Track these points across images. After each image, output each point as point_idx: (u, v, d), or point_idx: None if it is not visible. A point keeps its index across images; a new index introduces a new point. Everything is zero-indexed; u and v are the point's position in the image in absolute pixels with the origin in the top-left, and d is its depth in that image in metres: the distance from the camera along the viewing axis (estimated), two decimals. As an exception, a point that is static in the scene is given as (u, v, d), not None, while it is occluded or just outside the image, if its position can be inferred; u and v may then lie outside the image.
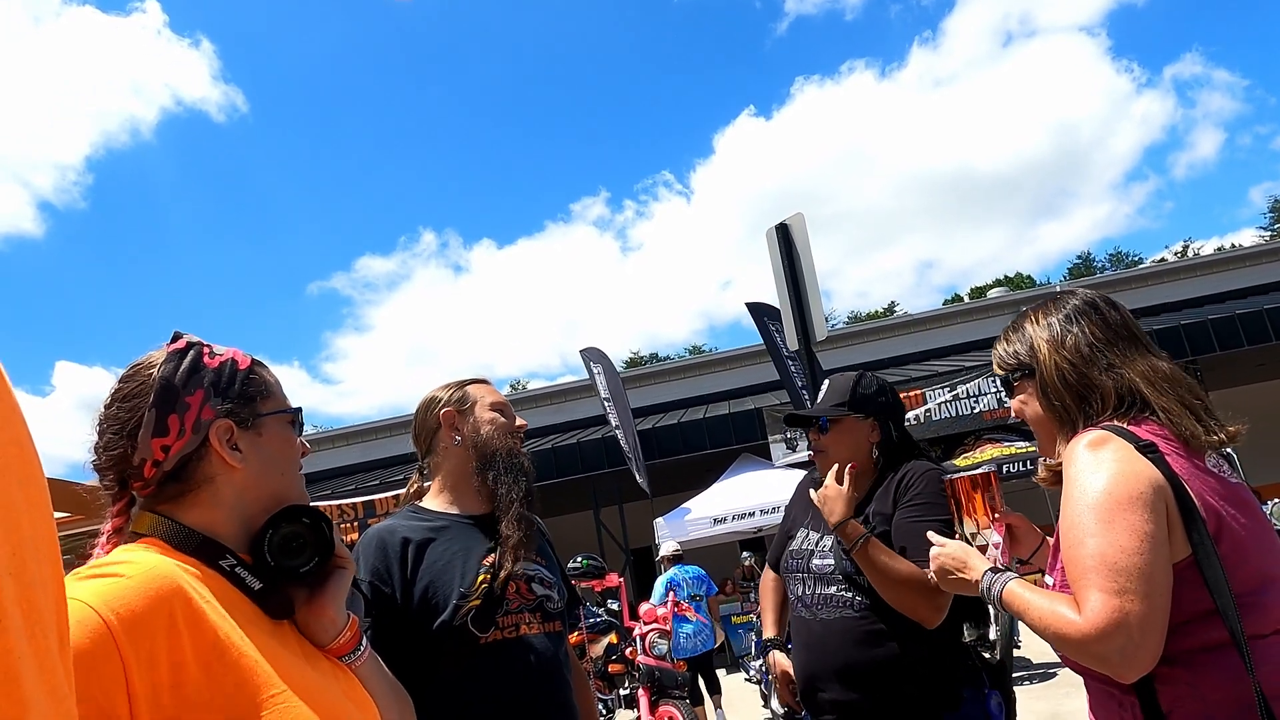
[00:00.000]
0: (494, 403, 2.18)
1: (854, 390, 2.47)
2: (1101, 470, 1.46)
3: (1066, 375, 1.63)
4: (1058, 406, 1.65)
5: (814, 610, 2.35)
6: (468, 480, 2.11)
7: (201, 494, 1.19)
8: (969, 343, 18.74)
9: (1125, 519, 1.40)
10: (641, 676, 6.63)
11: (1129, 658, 1.36)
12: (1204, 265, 20.07)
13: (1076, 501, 1.47)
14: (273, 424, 1.27)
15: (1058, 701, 6.94)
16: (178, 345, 1.24)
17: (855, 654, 2.21)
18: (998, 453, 12.73)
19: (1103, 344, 1.63)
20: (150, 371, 1.20)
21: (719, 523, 13.25)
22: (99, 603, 0.95)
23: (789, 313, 5.17)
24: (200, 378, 1.21)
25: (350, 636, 1.27)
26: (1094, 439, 1.52)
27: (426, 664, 1.92)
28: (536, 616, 2.02)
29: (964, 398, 14.41)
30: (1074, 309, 1.68)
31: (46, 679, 0.52)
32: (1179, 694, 1.41)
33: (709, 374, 20.06)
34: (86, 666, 0.90)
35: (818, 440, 2.49)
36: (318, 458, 19.91)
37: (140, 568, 1.03)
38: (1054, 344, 1.66)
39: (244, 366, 1.27)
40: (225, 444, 1.20)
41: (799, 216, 5.25)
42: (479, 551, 2.01)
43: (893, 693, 2.18)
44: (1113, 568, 1.38)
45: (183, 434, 1.17)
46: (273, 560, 1.20)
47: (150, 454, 1.16)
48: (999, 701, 2.26)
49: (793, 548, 2.51)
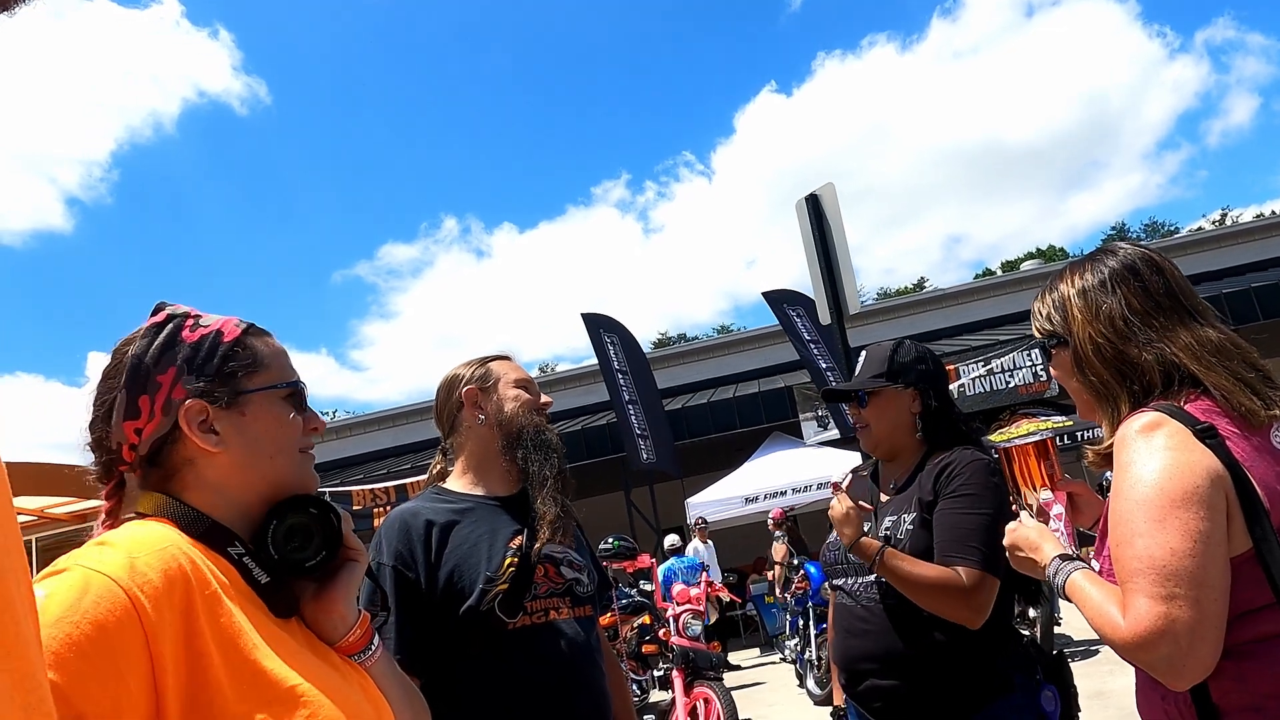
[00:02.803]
0: (518, 379, 2.11)
1: (891, 359, 2.34)
2: (1154, 460, 1.35)
3: (1103, 350, 1.52)
4: (1094, 382, 1.54)
5: (856, 597, 2.25)
6: (493, 460, 2.04)
7: (185, 476, 1.11)
8: (1002, 316, 18.45)
9: (1178, 518, 1.30)
10: (675, 658, 6.57)
11: (1176, 666, 1.28)
12: (1244, 233, 19.59)
13: (1126, 495, 1.37)
14: (261, 401, 1.15)
15: (1101, 680, 6.80)
16: (156, 319, 1.15)
17: (898, 641, 2.12)
18: (1034, 427, 12.50)
19: (1140, 316, 1.50)
20: (128, 348, 1.12)
21: (750, 502, 13.20)
22: (118, 573, 0.91)
23: (820, 286, 5.05)
24: (174, 354, 1.11)
25: (361, 633, 1.18)
26: (1147, 423, 1.40)
27: (454, 651, 1.85)
28: (566, 601, 1.96)
29: (998, 372, 14.19)
30: (1111, 273, 1.55)
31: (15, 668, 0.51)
32: (1225, 687, 1.33)
33: (737, 353, 19.92)
34: (109, 638, 0.86)
35: (858, 415, 2.38)
36: (350, 443, 20.07)
37: (155, 543, 0.98)
38: (1088, 314, 1.54)
39: (230, 338, 1.15)
40: (196, 426, 1.09)
41: (830, 187, 5.12)
42: (505, 534, 1.94)
43: (940, 678, 2.08)
44: (1162, 571, 1.29)
45: (153, 416, 1.09)
46: (277, 553, 1.11)
47: (124, 438, 1.09)
48: (1053, 695, 2.13)
49: (829, 540, 2.41)
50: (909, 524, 2.18)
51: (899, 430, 2.32)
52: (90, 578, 0.90)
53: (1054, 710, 2.13)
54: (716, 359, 19.98)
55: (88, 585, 0.89)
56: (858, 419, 2.39)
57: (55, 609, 0.86)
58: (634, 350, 14.71)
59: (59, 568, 0.93)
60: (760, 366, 18.88)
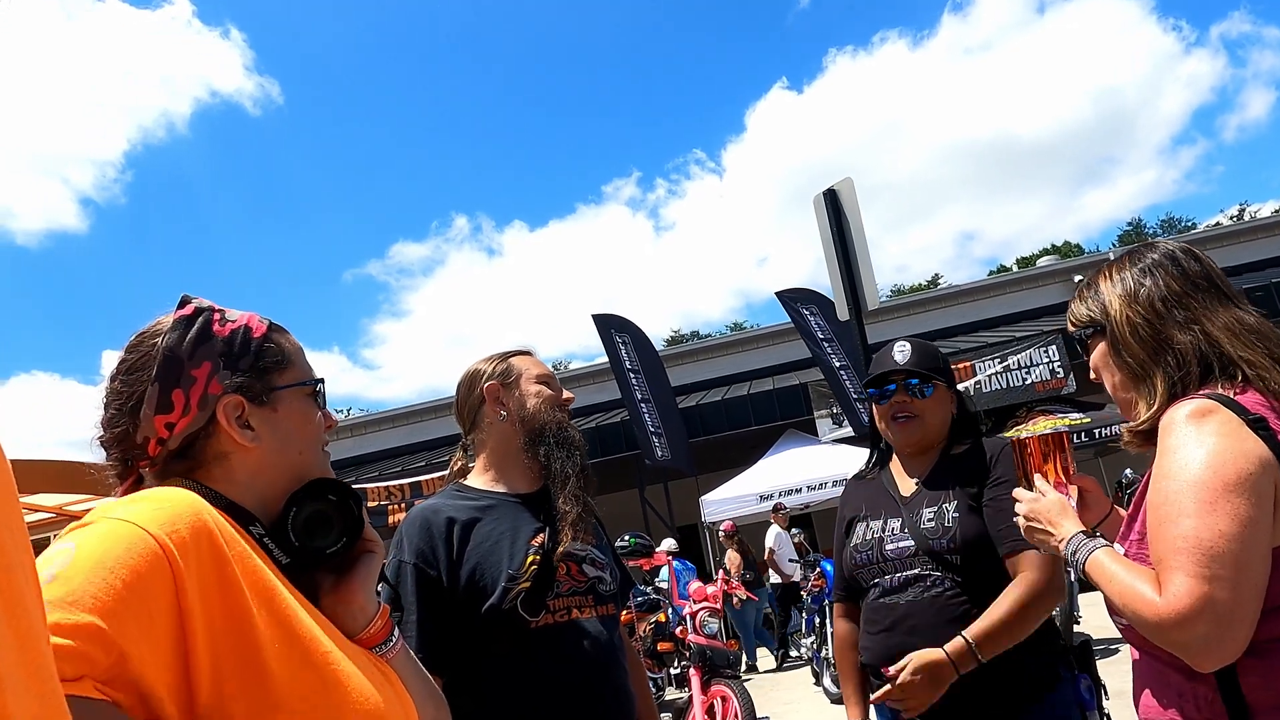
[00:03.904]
0: (540, 374, 2.08)
1: (939, 358, 2.35)
2: (1205, 445, 1.34)
3: (1140, 330, 1.51)
4: (1131, 364, 1.53)
5: (897, 595, 2.18)
6: (515, 457, 2.02)
7: (214, 471, 1.09)
8: (1019, 313, 18.34)
9: (1229, 503, 1.29)
10: (693, 655, 6.54)
11: (1210, 646, 1.27)
12: (1263, 228, 19.41)
13: (1175, 476, 1.35)
14: (290, 397, 1.16)
15: (1123, 679, 6.73)
16: (184, 311, 1.13)
17: (948, 633, 2.06)
18: (1051, 425, 12.39)
19: (1178, 296, 1.50)
20: (155, 341, 1.09)
21: (765, 499, 13.15)
22: (147, 522, 0.91)
23: (839, 281, 5.01)
24: (209, 347, 1.10)
25: (382, 625, 1.16)
26: (1198, 408, 1.38)
27: (477, 649, 1.83)
28: (589, 600, 1.94)
29: (1015, 369, 14.10)
30: (1151, 262, 1.56)
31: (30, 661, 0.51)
32: (1252, 684, 1.32)
33: (751, 350, 19.86)
34: (144, 583, 0.86)
35: (911, 404, 2.26)
36: (364, 441, 20.13)
37: (181, 498, 0.97)
38: (1126, 298, 1.54)
39: (259, 334, 1.15)
40: (235, 422, 1.09)
41: (848, 182, 5.08)
42: (527, 531, 1.92)
43: (987, 673, 2.03)
44: (1207, 552, 1.27)
45: (188, 410, 1.07)
46: (297, 541, 1.09)
47: (154, 432, 1.07)
48: (1089, 685, 2.13)
49: (854, 543, 2.32)
50: (954, 512, 2.15)
51: (944, 427, 2.31)
52: (120, 527, 0.90)
53: (1091, 699, 2.12)
54: (730, 356, 19.93)
55: (119, 534, 0.89)
56: (907, 408, 2.27)
57: (92, 556, 0.86)
58: (646, 348, 14.68)
59: (85, 521, 0.93)
60: (775, 364, 18.82)
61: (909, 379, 2.28)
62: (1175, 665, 1.38)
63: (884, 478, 2.37)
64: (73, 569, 0.84)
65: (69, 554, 0.86)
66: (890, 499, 2.30)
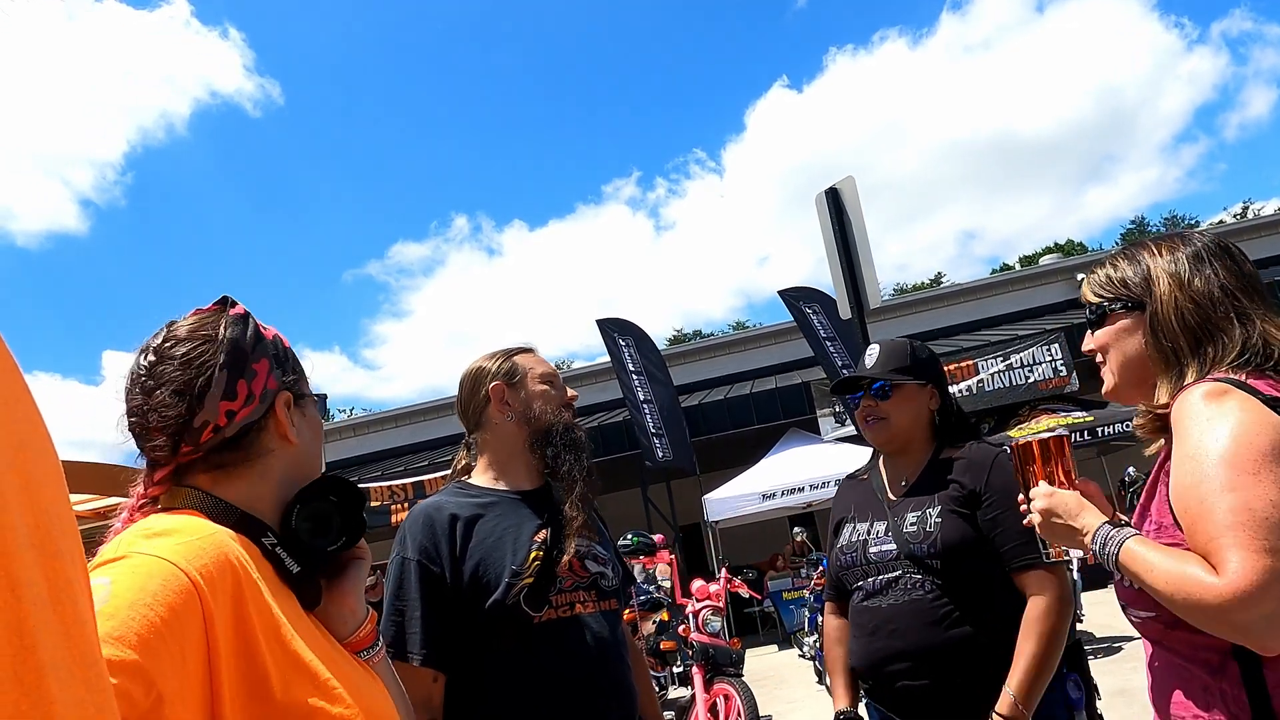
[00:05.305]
0: (544, 374, 2.09)
1: (913, 354, 2.33)
2: (1231, 418, 1.30)
3: (1187, 316, 1.46)
4: (1167, 347, 1.48)
5: (879, 598, 2.19)
6: (518, 455, 2.03)
7: (254, 467, 1.14)
8: (1021, 311, 18.32)
9: (1272, 470, 1.23)
10: (695, 654, 6.56)
11: (1278, 625, 1.19)
12: (1267, 225, 19.37)
13: (1207, 453, 1.29)
14: (310, 405, 1.26)
15: (1125, 677, 6.73)
16: (238, 310, 1.20)
17: (930, 635, 2.08)
18: (1054, 423, 12.39)
19: (1236, 290, 1.46)
20: (210, 333, 1.14)
21: (768, 498, 13.16)
22: (179, 559, 0.93)
23: (841, 280, 5.02)
24: (264, 346, 1.18)
25: (369, 630, 1.21)
26: (1211, 390, 1.36)
27: (480, 645, 1.85)
28: (591, 595, 1.95)
29: (1018, 367, 14.10)
30: (1205, 248, 1.51)
31: (75, 646, 0.51)
32: (1277, 680, 1.27)
33: (754, 349, 19.86)
34: (179, 620, 0.88)
35: (875, 407, 2.31)
36: (367, 441, 20.15)
37: (202, 531, 1.01)
38: (1177, 281, 1.49)
39: (286, 343, 1.25)
40: (289, 416, 1.17)
41: (850, 180, 5.09)
42: (529, 527, 1.93)
43: (970, 674, 2.05)
44: (1265, 523, 1.20)
45: (251, 400, 1.13)
46: (300, 540, 1.12)
47: (215, 417, 1.10)
48: (1077, 682, 2.12)
49: (840, 544, 2.34)
50: (936, 517, 2.15)
51: (917, 426, 2.30)
52: (154, 564, 0.92)
53: (1079, 697, 2.11)
54: (733, 355, 19.93)
55: (153, 570, 0.91)
56: (872, 412, 2.32)
57: (129, 593, 0.88)
58: (649, 348, 14.70)
59: (114, 555, 0.95)
60: (777, 362, 18.82)
61: (872, 383, 2.32)
62: (1198, 661, 1.34)
63: (874, 480, 2.39)
64: (113, 605, 0.85)
65: (105, 589, 0.87)
66: (877, 501, 2.31)
